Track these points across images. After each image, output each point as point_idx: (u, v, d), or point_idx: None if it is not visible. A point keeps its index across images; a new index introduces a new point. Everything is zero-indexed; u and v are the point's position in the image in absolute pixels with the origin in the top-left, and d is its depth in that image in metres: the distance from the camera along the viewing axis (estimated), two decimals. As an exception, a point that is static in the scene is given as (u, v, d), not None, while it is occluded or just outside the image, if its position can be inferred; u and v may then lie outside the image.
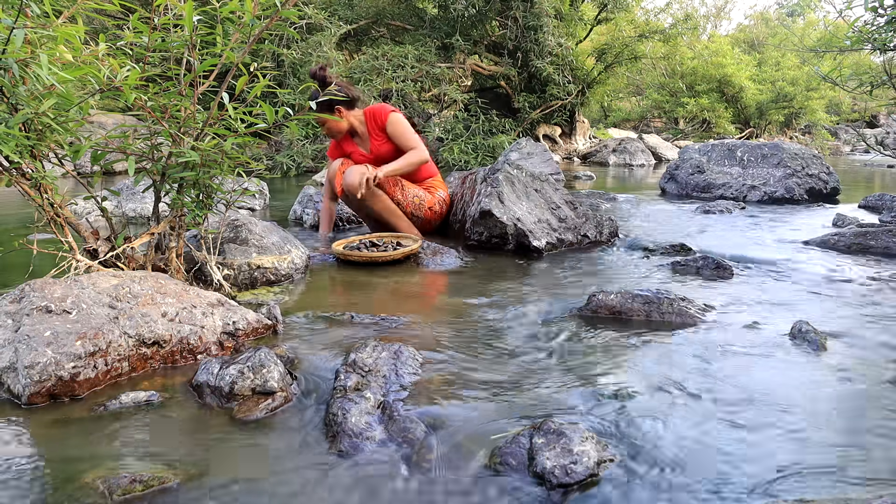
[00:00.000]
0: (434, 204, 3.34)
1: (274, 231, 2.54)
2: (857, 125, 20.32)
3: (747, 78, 15.27)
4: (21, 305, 1.52)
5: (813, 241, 3.21)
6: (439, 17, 10.10)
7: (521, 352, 1.68)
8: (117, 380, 1.49)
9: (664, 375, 1.50)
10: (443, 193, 3.42)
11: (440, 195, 3.40)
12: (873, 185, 7.31)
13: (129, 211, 4.06)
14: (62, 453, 1.19)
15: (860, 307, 2.09)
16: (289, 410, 1.38)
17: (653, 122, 18.46)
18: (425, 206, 3.30)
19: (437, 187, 3.41)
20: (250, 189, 4.29)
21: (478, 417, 1.29)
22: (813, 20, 22.52)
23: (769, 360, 1.61)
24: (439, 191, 3.41)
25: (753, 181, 5.39)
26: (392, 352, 1.53)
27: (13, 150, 1.62)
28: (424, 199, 3.30)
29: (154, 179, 2.06)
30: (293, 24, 8.15)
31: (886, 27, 3.61)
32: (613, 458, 1.14)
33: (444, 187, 3.46)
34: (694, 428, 1.26)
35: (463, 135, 9.17)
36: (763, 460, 1.14)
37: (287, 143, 8.23)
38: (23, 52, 1.60)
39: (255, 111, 1.99)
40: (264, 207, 4.68)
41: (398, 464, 1.17)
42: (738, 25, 29.40)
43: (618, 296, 2.01)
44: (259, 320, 1.79)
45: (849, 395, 1.42)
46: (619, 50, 11.50)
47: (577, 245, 3.14)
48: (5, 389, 1.40)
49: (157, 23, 1.83)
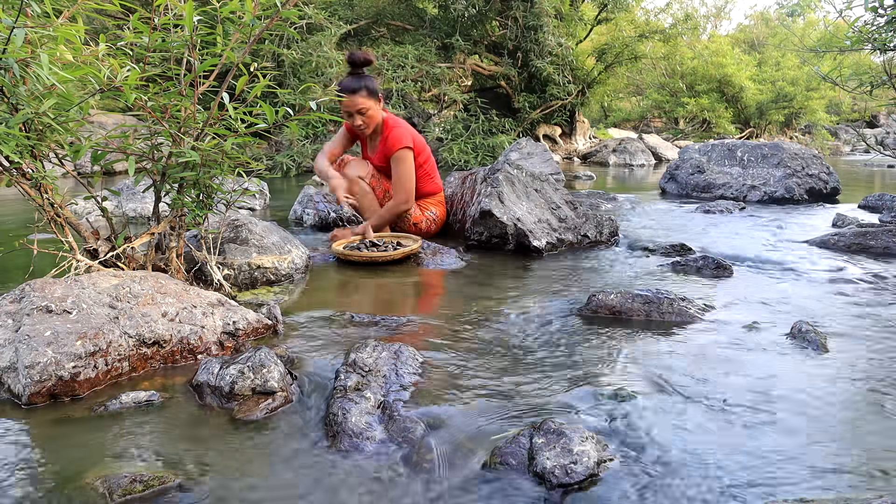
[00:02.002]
0: (421, 221, 3.28)
1: (274, 231, 2.54)
2: (857, 125, 20.32)
3: (747, 78, 15.26)
4: (21, 305, 1.52)
5: (813, 241, 3.21)
6: (439, 17, 10.10)
7: (521, 351, 1.68)
8: (117, 380, 1.49)
9: (664, 375, 1.50)
10: (434, 212, 3.34)
11: (430, 213, 3.32)
12: (873, 185, 7.32)
13: (130, 211, 4.06)
14: (62, 453, 1.19)
15: (860, 307, 2.10)
16: (289, 410, 1.38)
17: (653, 122, 18.45)
18: (410, 221, 3.26)
19: (430, 206, 3.34)
20: (250, 189, 4.29)
21: (478, 417, 1.29)
22: (813, 20, 22.52)
23: (769, 360, 1.61)
24: (431, 209, 3.33)
25: (753, 181, 5.40)
26: (392, 352, 1.53)
27: (13, 150, 1.62)
28: (411, 213, 3.25)
29: (154, 179, 2.06)
30: (293, 25, 8.15)
31: (886, 27, 3.61)
32: (613, 458, 1.14)
33: (440, 206, 3.38)
34: (694, 428, 1.26)
35: (463, 135, 9.17)
36: (763, 460, 1.14)
37: (287, 143, 8.23)
38: (23, 52, 1.60)
39: (255, 111, 1.99)
40: (264, 207, 4.68)
41: (398, 464, 1.17)
42: (738, 25, 29.44)
43: (618, 295, 2.01)
44: (259, 320, 1.80)
45: (849, 395, 1.42)
46: (620, 50, 11.49)
47: (577, 245, 3.14)
48: (6, 389, 1.40)
49: (157, 23, 1.83)
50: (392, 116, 3.21)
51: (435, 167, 3.36)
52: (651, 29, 11.97)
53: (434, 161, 3.36)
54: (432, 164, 3.32)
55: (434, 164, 3.34)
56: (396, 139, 3.06)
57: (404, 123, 3.20)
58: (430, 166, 3.28)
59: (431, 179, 3.31)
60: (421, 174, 3.23)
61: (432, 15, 10.18)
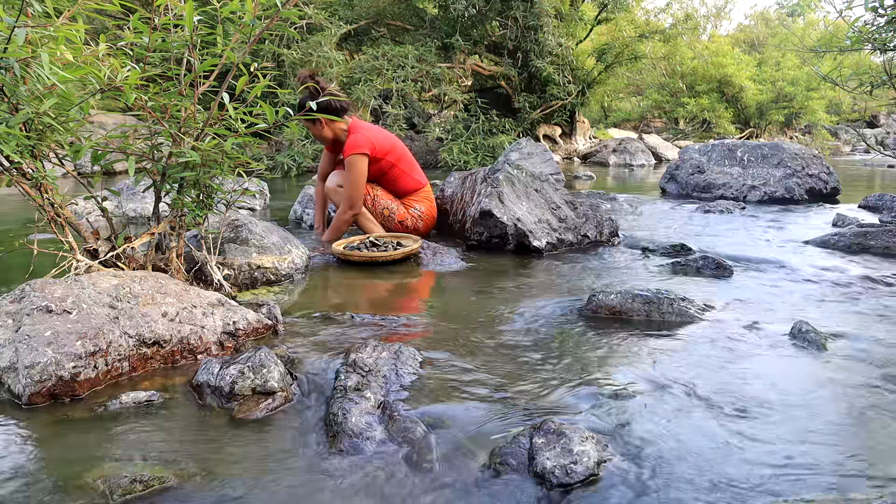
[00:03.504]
0: (406, 218, 3.28)
1: (274, 231, 2.54)
2: (858, 125, 20.31)
3: (747, 78, 15.26)
4: (21, 305, 1.52)
5: (813, 241, 3.21)
6: (439, 17, 10.10)
7: (521, 352, 1.68)
8: (118, 380, 1.49)
9: (664, 375, 1.50)
10: (421, 208, 3.33)
11: (416, 210, 3.32)
12: (873, 185, 7.31)
13: (130, 211, 4.06)
14: (63, 453, 1.19)
15: (860, 307, 2.10)
16: (289, 410, 1.38)
17: (653, 122, 18.44)
18: (395, 219, 3.26)
19: (416, 202, 3.33)
20: (250, 189, 4.29)
21: (478, 417, 1.29)
22: (813, 20, 22.51)
23: (769, 360, 1.61)
24: (416, 206, 3.33)
25: (753, 181, 5.39)
26: (392, 352, 1.53)
27: (14, 149, 1.62)
28: (395, 211, 3.25)
29: (154, 179, 2.06)
30: (293, 25, 8.15)
31: (886, 27, 3.61)
32: (613, 458, 1.14)
33: (426, 202, 3.37)
34: (694, 428, 1.26)
35: (463, 135, 9.17)
36: (763, 460, 1.14)
37: (287, 143, 8.23)
38: (24, 52, 1.60)
39: (255, 111, 1.99)
40: (265, 207, 4.68)
41: (398, 464, 1.17)
42: (738, 25, 29.42)
43: (618, 296, 2.01)
44: (259, 320, 1.80)
45: (849, 394, 1.42)
46: (620, 50, 11.48)
47: (577, 245, 3.14)
48: (6, 389, 1.40)
49: (157, 23, 1.83)
50: (356, 123, 3.18)
51: (413, 164, 3.33)
52: (651, 29, 11.96)
53: (411, 158, 3.33)
54: (409, 161, 3.30)
55: (411, 162, 3.32)
56: (348, 146, 3.07)
57: (366, 128, 3.16)
58: (405, 164, 3.26)
59: (409, 176, 3.29)
60: (396, 173, 3.23)
61: (432, 15, 10.17)
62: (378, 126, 3.29)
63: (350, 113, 3.25)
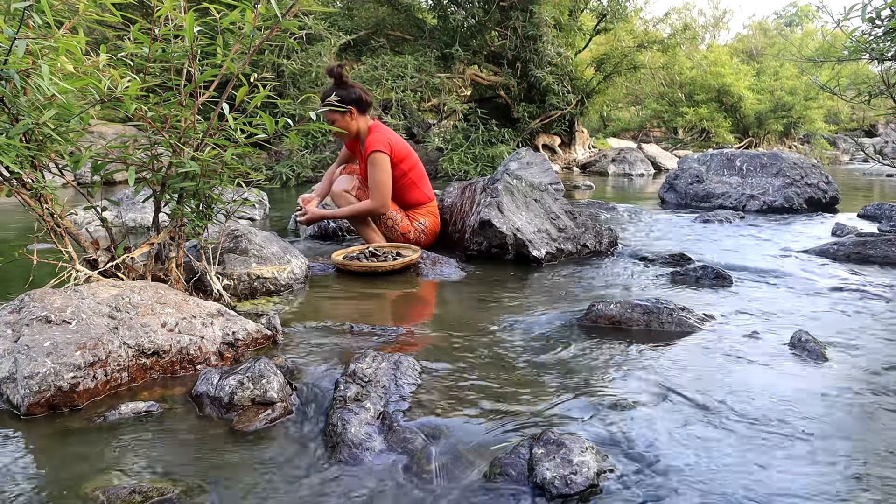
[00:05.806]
0: (409, 231, 3.25)
1: (274, 241, 2.54)
2: (856, 134, 20.38)
3: (746, 87, 15.33)
4: (21, 315, 1.52)
5: (812, 251, 3.21)
6: (439, 28, 10.16)
7: (520, 362, 1.67)
8: (117, 390, 1.49)
9: (664, 386, 1.50)
10: (425, 223, 3.30)
11: (420, 224, 3.29)
12: (872, 194, 7.33)
13: (129, 221, 4.07)
14: (61, 464, 1.19)
15: (860, 316, 2.09)
16: (288, 421, 1.37)
17: (652, 131, 18.50)
18: (398, 231, 3.24)
19: (421, 216, 3.31)
20: (250, 199, 4.29)
21: (478, 428, 1.29)
22: (811, 30, 22.64)
23: (769, 370, 1.61)
24: (421, 219, 3.30)
25: (752, 191, 5.40)
26: (392, 362, 1.53)
27: (14, 160, 1.62)
28: (399, 223, 3.23)
29: (154, 189, 2.06)
30: (293, 35, 8.19)
31: (884, 37, 3.63)
32: (613, 469, 1.13)
33: (430, 216, 3.34)
34: (694, 438, 1.25)
35: (462, 145, 9.20)
36: (764, 471, 1.13)
37: (287, 154, 8.25)
38: (24, 63, 1.60)
39: (255, 121, 2.00)
40: (264, 217, 4.68)
41: (398, 474, 1.16)
42: (736, 35, 29.53)
43: (618, 306, 2.01)
44: (259, 331, 1.79)
45: (850, 404, 1.42)
46: (618, 60, 11.54)
47: (576, 255, 3.15)
48: (4, 400, 1.39)
49: (157, 34, 1.84)
50: (377, 124, 3.21)
51: (423, 176, 3.31)
52: (650, 39, 12.03)
53: (423, 170, 3.32)
54: (420, 173, 3.28)
55: (422, 174, 3.31)
56: (370, 143, 3.09)
57: (386, 130, 3.19)
58: (416, 175, 3.25)
59: (418, 188, 3.26)
60: (406, 182, 3.22)
61: (432, 25, 10.23)
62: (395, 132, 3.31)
63: (371, 113, 3.27)
